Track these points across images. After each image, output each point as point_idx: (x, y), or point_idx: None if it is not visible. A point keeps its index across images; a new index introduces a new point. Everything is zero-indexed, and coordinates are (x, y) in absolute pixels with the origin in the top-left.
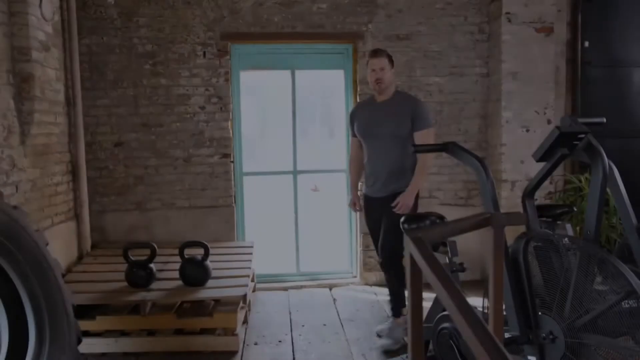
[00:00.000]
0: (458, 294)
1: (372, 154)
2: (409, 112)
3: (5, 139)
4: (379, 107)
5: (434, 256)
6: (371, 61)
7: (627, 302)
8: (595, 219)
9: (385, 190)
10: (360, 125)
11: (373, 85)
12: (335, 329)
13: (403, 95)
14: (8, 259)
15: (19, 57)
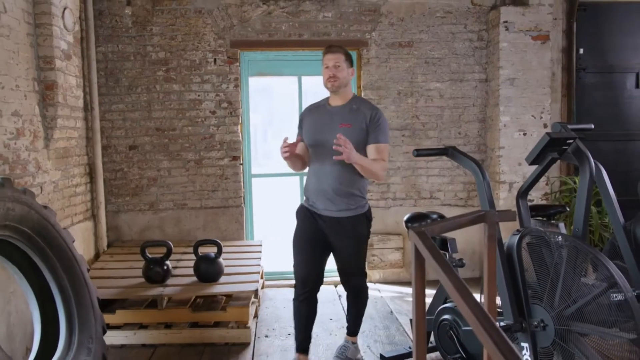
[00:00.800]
0: (456, 277)
1: (318, 166)
2: (365, 122)
3: (31, 143)
4: (332, 113)
5: (435, 246)
6: (325, 57)
7: (616, 295)
8: (583, 217)
9: (332, 209)
10: (308, 130)
11: (326, 84)
12: (341, 323)
13: (361, 102)
14: (40, 255)
15: (44, 66)
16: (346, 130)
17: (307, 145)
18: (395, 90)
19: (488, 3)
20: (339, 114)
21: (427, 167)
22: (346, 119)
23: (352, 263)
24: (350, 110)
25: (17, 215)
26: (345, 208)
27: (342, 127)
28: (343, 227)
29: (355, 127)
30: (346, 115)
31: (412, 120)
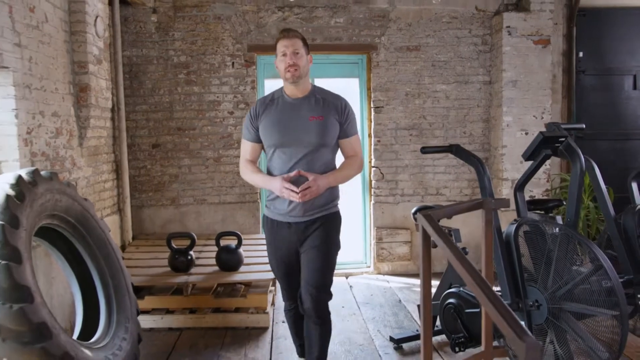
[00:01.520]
0: (455, 248)
1: (285, 168)
2: (336, 113)
3: (68, 141)
4: (295, 105)
5: (439, 225)
6: (281, 42)
7: (606, 282)
8: (575, 208)
9: (308, 213)
10: (269, 128)
11: (284, 74)
12: (352, 310)
13: (323, 92)
14: (82, 243)
15: (78, 70)
16: (318, 124)
17: (268, 145)
18: (404, 91)
19: (492, 9)
20: (305, 106)
21: (434, 164)
22: (315, 110)
23: (319, 274)
24: (317, 102)
25: (63, 206)
26: (316, 210)
27: (314, 120)
28: (313, 230)
29: (328, 119)
30: (314, 107)
31: (420, 120)
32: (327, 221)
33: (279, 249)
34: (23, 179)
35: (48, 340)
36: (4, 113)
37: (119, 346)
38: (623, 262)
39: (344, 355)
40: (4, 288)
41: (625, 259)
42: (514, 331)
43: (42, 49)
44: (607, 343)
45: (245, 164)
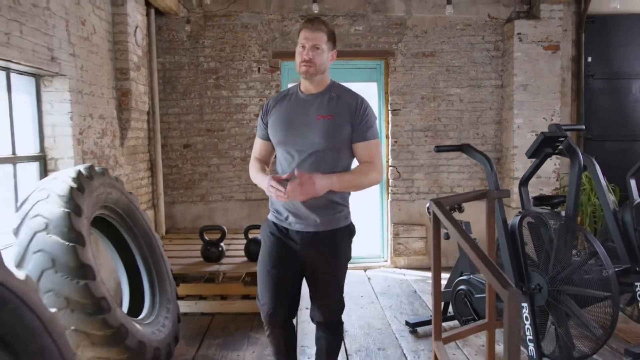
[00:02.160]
0: (459, 226)
1: (288, 169)
2: (349, 114)
3: (111, 141)
4: (306, 102)
5: (447, 209)
6: (303, 33)
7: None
8: (574, 201)
9: (307, 222)
10: (276, 125)
11: (298, 68)
12: (371, 299)
13: (341, 89)
14: (128, 232)
15: (120, 77)
16: (326, 123)
17: (274, 143)
18: (419, 95)
19: (503, 16)
20: (316, 103)
21: (448, 164)
22: (325, 109)
23: (330, 292)
24: (330, 99)
25: (113, 198)
26: (324, 220)
27: (321, 120)
28: (320, 244)
29: (338, 119)
30: (325, 105)
31: (435, 122)
32: (335, 238)
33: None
34: (82, 174)
35: (107, 313)
36: (60, 116)
37: (163, 324)
38: (621, 252)
39: (364, 337)
40: (71, 267)
41: (623, 250)
42: (500, 283)
43: (91, 58)
44: (601, 321)
45: (252, 162)
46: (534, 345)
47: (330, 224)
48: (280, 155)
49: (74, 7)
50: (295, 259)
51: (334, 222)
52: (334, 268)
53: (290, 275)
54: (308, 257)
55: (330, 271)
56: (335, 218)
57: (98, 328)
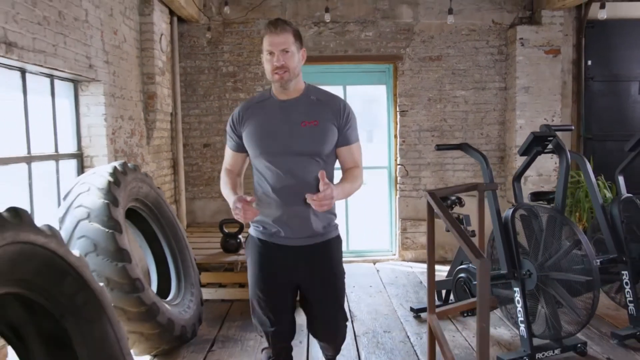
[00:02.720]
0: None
1: (275, 181)
2: (334, 117)
3: (139, 141)
4: (285, 108)
5: (440, 200)
6: (268, 39)
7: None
8: (562, 196)
9: (300, 236)
10: (254, 135)
11: (271, 76)
12: (379, 289)
13: (318, 91)
14: (156, 224)
15: (147, 81)
16: (313, 130)
17: (254, 155)
18: (426, 97)
19: (507, 22)
20: (297, 109)
21: (454, 162)
22: (308, 114)
23: (335, 307)
24: (311, 104)
25: (143, 192)
26: (317, 232)
27: (307, 126)
28: (316, 258)
29: (324, 124)
30: (307, 110)
31: (441, 123)
32: (330, 249)
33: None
34: (118, 169)
35: (141, 292)
36: (96, 117)
37: (188, 305)
38: (609, 243)
39: (371, 321)
40: (110, 251)
41: (610, 241)
42: (473, 253)
43: (121, 64)
44: (584, 303)
45: (223, 173)
46: (524, 325)
47: (324, 235)
48: (262, 166)
49: (108, 18)
50: (288, 277)
51: (327, 232)
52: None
53: (285, 296)
54: (302, 273)
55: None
56: (328, 229)
57: (133, 305)
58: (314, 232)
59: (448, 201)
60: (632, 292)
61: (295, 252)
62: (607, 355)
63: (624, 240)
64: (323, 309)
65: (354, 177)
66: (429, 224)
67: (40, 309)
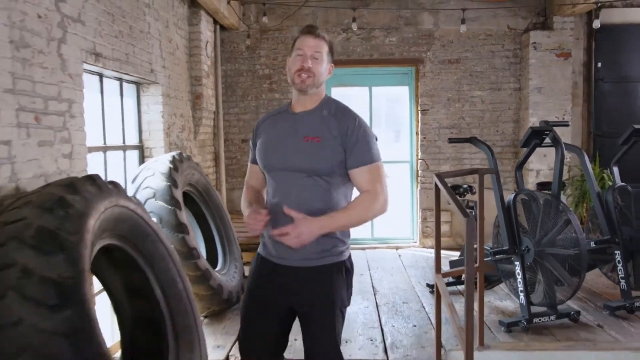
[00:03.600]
0: (449, 189)
1: (278, 196)
2: (339, 135)
3: (188, 135)
4: (295, 120)
5: (445, 181)
6: (303, 40)
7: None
8: (557, 183)
9: (297, 257)
10: (261, 147)
11: (293, 78)
12: (400, 270)
13: (336, 106)
14: (205, 206)
15: (194, 83)
16: (312, 146)
17: (260, 167)
18: (445, 97)
19: (521, 27)
20: (305, 123)
21: (471, 157)
22: (314, 129)
23: (326, 342)
24: (321, 119)
25: (195, 178)
26: (317, 254)
27: (308, 142)
28: (314, 283)
29: (326, 141)
30: (315, 125)
31: (459, 121)
32: (331, 275)
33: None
34: (176, 158)
35: (197, 259)
36: (155, 114)
37: (233, 276)
38: (604, 227)
39: (391, 295)
40: (172, 224)
41: (605, 225)
42: (462, 214)
43: (175, 69)
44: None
45: (245, 189)
46: (524, 294)
47: (322, 258)
48: (268, 180)
49: (164, 29)
50: (283, 301)
51: (327, 255)
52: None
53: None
54: (297, 299)
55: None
56: (330, 253)
57: (191, 270)
58: (308, 254)
59: (460, 189)
60: (623, 269)
61: (285, 274)
62: (598, 322)
63: (617, 224)
64: (313, 341)
65: (358, 205)
66: (436, 198)
67: (126, 263)
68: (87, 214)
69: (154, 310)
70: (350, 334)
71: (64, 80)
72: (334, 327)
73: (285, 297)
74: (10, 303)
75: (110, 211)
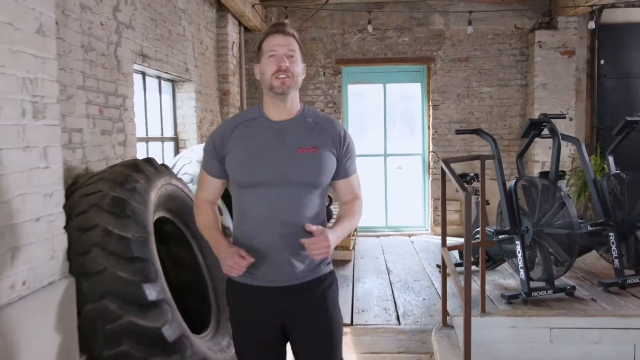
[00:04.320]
0: (454, 173)
1: (262, 213)
2: (333, 146)
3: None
4: (278, 132)
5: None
6: (272, 39)
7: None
8: (554, 169)
9: (288, 277)
10: (242, 162)
11: (270, 81)
12: (412, 254)
13: (316, 115)
14: None
15: (222, 80)
16: (311, 158)
17: (239, 184)
18: (455, 93)
19: (527, 27)
20: (292, 132)
21: (480, 150)
22: (306, 139)
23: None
24: (308, 127)
25: None
26: (305, 267)
27: (304, 153)
28: (307, 300)
29: (323, 153)
30: (304, 134)
31: (468, 116)
32: (325, 288)
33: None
34: None
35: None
36: (188, 109)
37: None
38: (599, 211)
39: (404, 274)
40: None
41: (599, 209)
42: (460, 187)
43: (205, 68)
44: (567, 251)
45: (202, 204)
46: (523, 270)
47: (314, 272)
48: (248, 197)
49: (196, 32)
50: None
51: (317, 268)
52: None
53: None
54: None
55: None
56: (319, 265)
57: None
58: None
59: (467, 177)
60: (617, 250)
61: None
62: (592, 297)
63: (612, 208)
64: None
65: (353, 212)
66: (442, 181)
67: (173, 236)
68: (149, 188)
69: (197, 278)
70: (366, 305)
71: (119, 79)
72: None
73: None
74: (96, 256)
75: (164, 188)
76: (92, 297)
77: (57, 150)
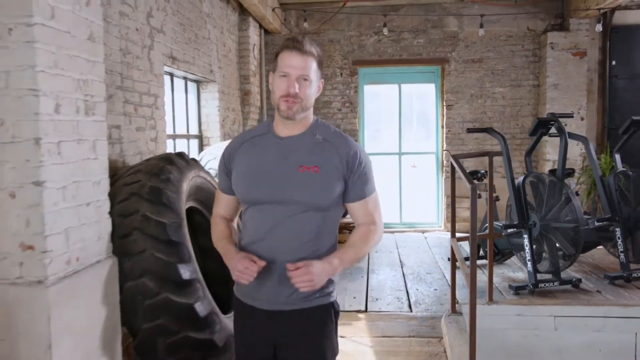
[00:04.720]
0: (463, 169)
1: (263, 232)
2: (340, 166)
3: (238, 127)
4: (284, 147)
5: (459, 161)
6: (288, 57)
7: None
8: (562, 167)
9: (283, 301)
10: (243, 177)
11: (278, 103)
12: (425, 249)
13: (327, 131)
14: None
15: (243, 81)
16: (311, 178)
17: (240, 200)
18: (469, 93)
19: (540, 29)
20: (296, 149)
21: (493, 149)
22: (309, 157)
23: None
24: (315, 144)
25: None
26: (298, 296)
27: (305, 172)
28: (303, 328)
29: (326, 173)
30: (308, 152)
31: (481, 115)
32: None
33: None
34: None
35: None
36: (212, 109)
37: None
38: (605, 207)
39: (417, 267)
40: None
41: (606, 205)
42: (467, 181)
43: (227, 69)
44: (572, 244)
45: (216, 220)
46: (531, 263)
47: (308, 300)
48: (249, 215)
49: (220, 35)
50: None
51: (318, 297)
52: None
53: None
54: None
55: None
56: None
57: None
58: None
59: (478, 174)
60: (623, 244)
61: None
62: (597, 289)
63: (618, 204)
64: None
65: (365, 239)
66: (452, 176)
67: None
68: (181, 179)
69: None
70: (380, 294)
71: (152, 79)
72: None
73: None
74: (136, 238)
75: (194, 180)
76: (133, 275)
77: (104, 143)
